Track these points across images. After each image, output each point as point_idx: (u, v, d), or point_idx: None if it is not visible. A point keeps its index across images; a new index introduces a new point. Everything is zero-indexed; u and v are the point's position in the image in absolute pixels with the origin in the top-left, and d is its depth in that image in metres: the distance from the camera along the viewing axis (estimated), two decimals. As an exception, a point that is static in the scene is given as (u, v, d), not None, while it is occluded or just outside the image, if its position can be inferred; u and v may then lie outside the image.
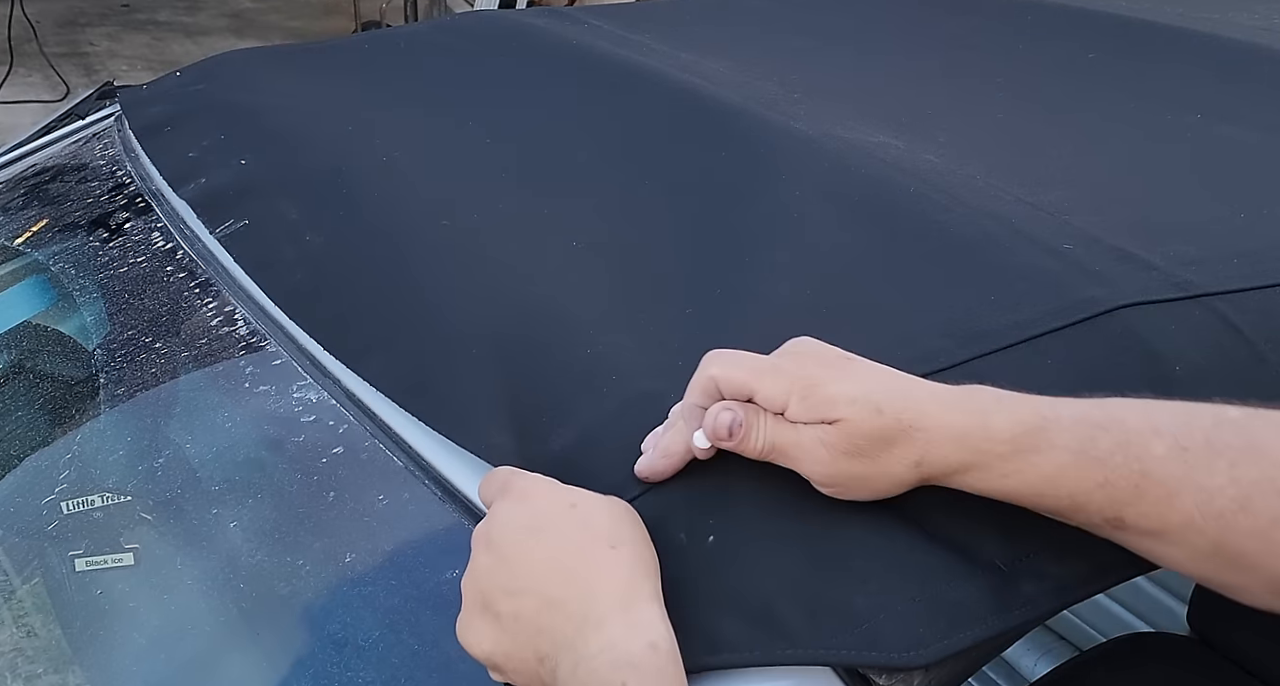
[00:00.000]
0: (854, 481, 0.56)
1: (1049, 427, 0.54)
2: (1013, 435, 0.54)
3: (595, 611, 0.53)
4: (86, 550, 0.81)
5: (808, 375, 0.56)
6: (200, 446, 0.88)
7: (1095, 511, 0.54)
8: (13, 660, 0.81)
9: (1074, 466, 0.53)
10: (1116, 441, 0.53)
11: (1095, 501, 0.53)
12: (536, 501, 0.58)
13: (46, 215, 1.16)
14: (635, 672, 0.51)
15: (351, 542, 0.74)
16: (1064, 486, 0.54)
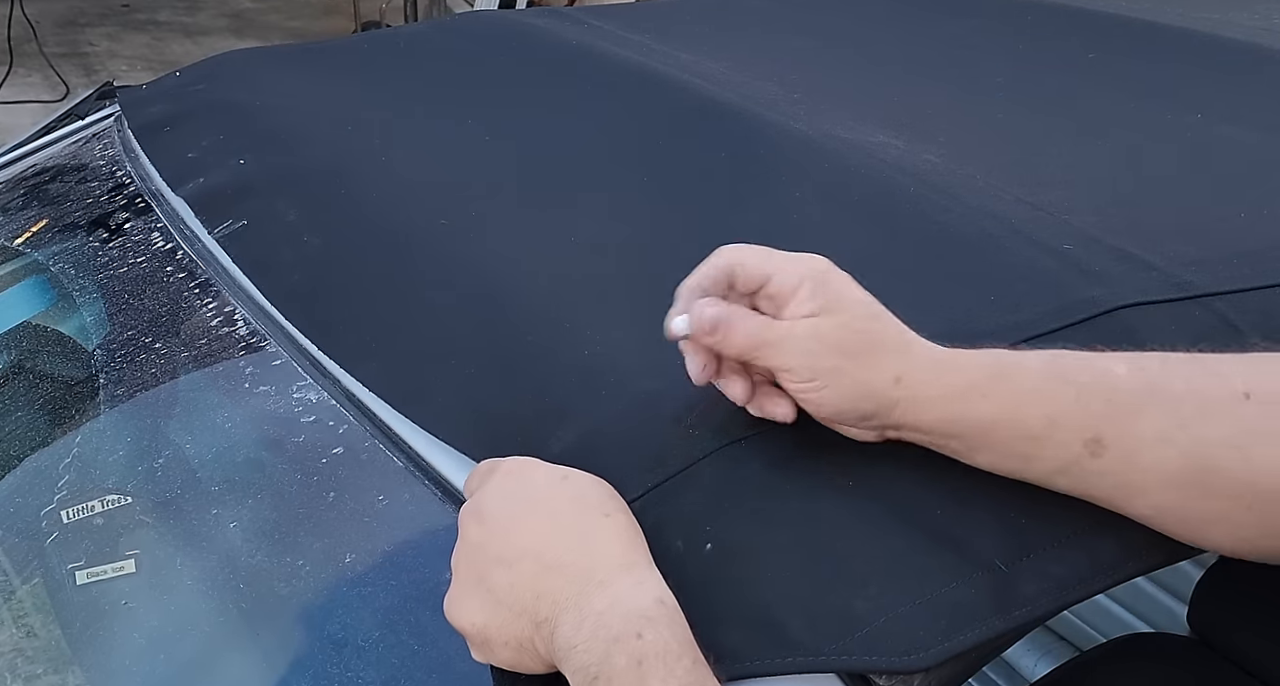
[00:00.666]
0: (833, 376, 0.56)
1: (1022, 359, 0.57)
2: (988, 362, 0.57)
3: (598, 572, 0.54)
4: (87, 555, 0.81)
5: (822, 269, 0.59)
6: (200, 447, 0.88)
7: (1074, 431, 0.55)
8: (12, 661, 0.81)
9: (1047, 385, 0.55)
10: (1082, 365, 0.56)
11: (1072, 418, 0.55)
12: (527, 475, 0.59)
13: (46, 215, 1.16)
14: (649, 623, 0.51)
15: (351, 543, 0.74)
16: (1040, 404, 0.55)
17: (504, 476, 0.60)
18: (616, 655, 0.50)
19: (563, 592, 0.54)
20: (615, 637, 0.51)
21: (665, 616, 0.52)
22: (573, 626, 0.52)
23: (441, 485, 0.69)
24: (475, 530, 0.58)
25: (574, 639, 0.52)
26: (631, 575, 0.54)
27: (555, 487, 0.58)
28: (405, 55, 1.21)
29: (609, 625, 0.51)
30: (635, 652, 0.50)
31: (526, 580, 0.55)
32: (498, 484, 0.59)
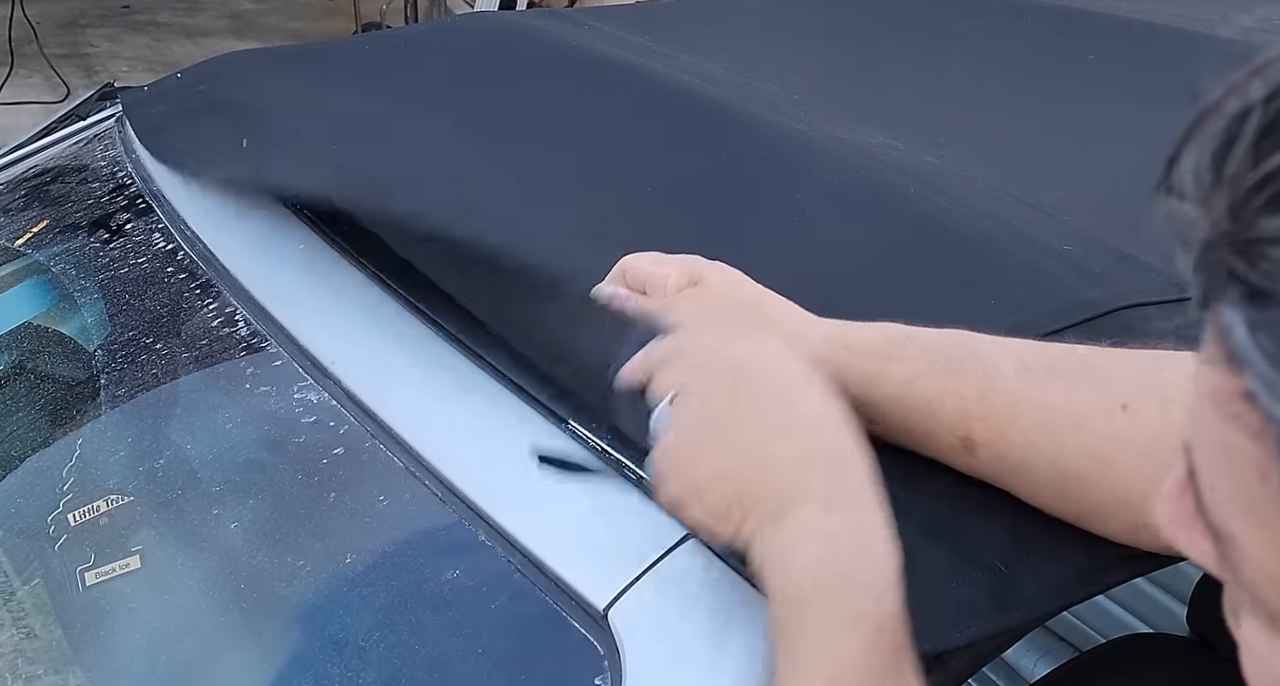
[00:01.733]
0: None
1: (910, 341, 0.58)
2: (873, 339, 0.58)
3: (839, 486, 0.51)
4: (90, 556, 0.81)
5: (693, 259, 0.65)
6: (201, 447, 0.88)
7: (948, 426, 0.56)
8: (13, 661, 0.81)
9: (929, 374, 0.56)
10: (968, 356, 0.57)
11: (947, 412, 0.56)
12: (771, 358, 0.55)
13: (47, 216, 1.16)
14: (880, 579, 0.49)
15: (352, 543, 0.74)
16: (919, 392, 0.56)
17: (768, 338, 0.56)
18: (833, 593, 0.49)
19: (807, 489, 0.51)
20: (841, 574, 0.49)
21: (894, 579, 0.50)
22: (802, 530, 0.50)
23: (443, 485, 0.69)
24: (714, 389, 0.55)
25: (797, 547, 0.50)
26: (878, 512, 0.51)
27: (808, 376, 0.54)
28: (406, 56, 1.22)
29: (842, 555, 0.49)
30: (856, 604, 0.49)
31: (784, 450, 0.52)
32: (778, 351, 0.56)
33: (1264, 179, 0.28)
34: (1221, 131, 0.29)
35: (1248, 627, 0.32)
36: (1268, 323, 0.27)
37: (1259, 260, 0.27)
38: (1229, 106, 0.29)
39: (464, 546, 0.67)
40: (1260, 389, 0.28)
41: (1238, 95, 0.29)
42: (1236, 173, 0.28)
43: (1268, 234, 0.27)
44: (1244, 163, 0.28)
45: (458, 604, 0.68)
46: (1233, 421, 0.29)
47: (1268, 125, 0.28)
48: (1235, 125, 0.29)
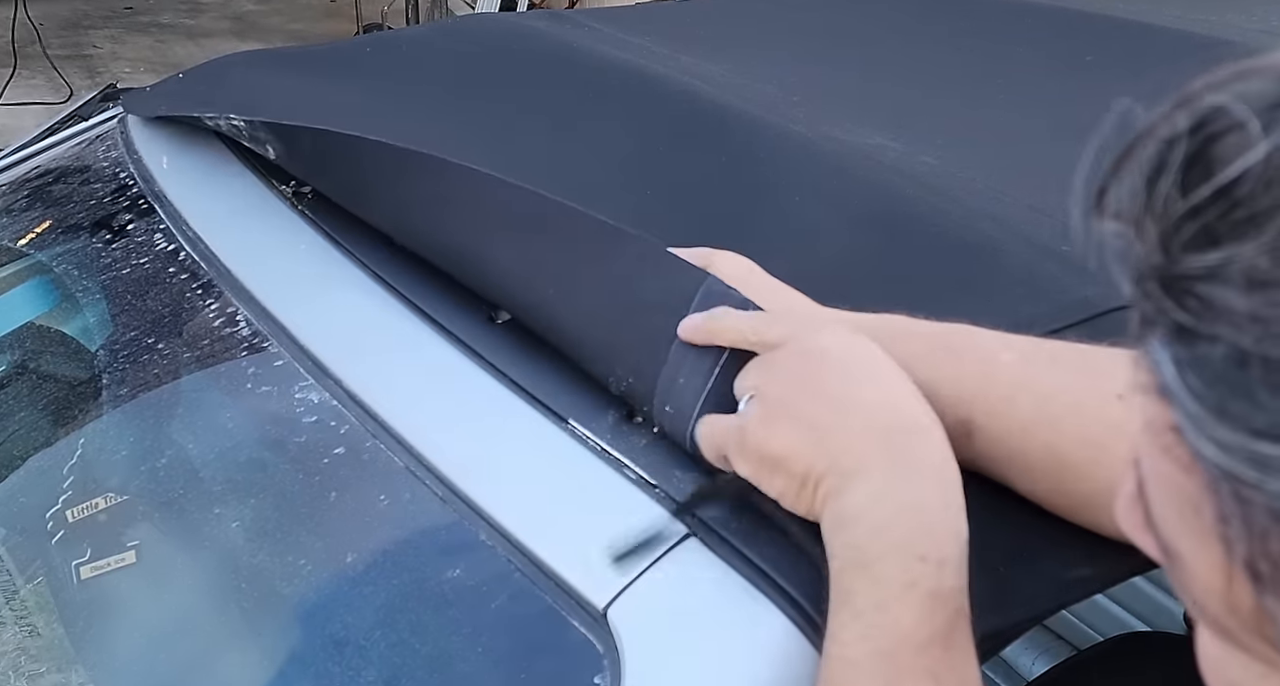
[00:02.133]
0: None
1: (912, 325, 0.59)
2: (875, 323, 0.59)
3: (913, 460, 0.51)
4: (90, 554, 0.82)
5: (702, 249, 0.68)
6: (203, 447, 0.88)
7: (947, 409, 0.56)
8: (15, 659, 0.81)
9: (929, 354, 0.57)
10: (968, 343, 0.58)
11: (946, 394, 0.56)
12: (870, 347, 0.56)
13: (50, 217, 1.16)
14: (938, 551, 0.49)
15: (353, 542, 0.74)
16: (919, 374, 0.56)
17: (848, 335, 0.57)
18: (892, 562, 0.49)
19: (872, 455, 0.52)
20: (901, 543, 0.49)
21: (956, 553, 0.50)
22: (868, 499, 0.51)
23: (444, 485, 0.69)
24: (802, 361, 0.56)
25: (862, 516, 0.50)
26: (944, 488, 0.51)
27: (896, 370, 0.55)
28: (407, 58, 1.22)
29: (902, 524, 0.50)
30: (911, 574, 0.49)
31: (841, 420, 0.53)
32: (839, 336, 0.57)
33: (1191, 211, 0.27)
34: (1152, 158, 0.29)
35: (1203, 635, 0.33)
36: (1194, 361, 0.27)
37: (1186, 297, 0.27)
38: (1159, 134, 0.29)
39: (464, 546, 0.67)
40: (1188, 425, 0.28)
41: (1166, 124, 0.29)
42: (1165, 202, 0.28)
43: (1195, 270, 0.27)
44: (1172, 193, 0.28)
45: (458, 603, 0.68)
46: (1166, 453, 0.30)
47: (1193, 155, 0.28)
48: (1164, 153, 0.28)
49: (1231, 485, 0.27)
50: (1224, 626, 0.31)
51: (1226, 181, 0.27)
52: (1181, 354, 0.28)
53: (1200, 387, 0.27)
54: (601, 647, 0.58)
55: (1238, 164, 0.27)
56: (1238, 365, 0.27)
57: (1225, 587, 0.29)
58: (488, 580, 0.66)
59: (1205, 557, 0.29)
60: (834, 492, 0.52)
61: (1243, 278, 0.26)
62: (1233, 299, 0.26)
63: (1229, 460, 0.27)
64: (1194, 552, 0.30)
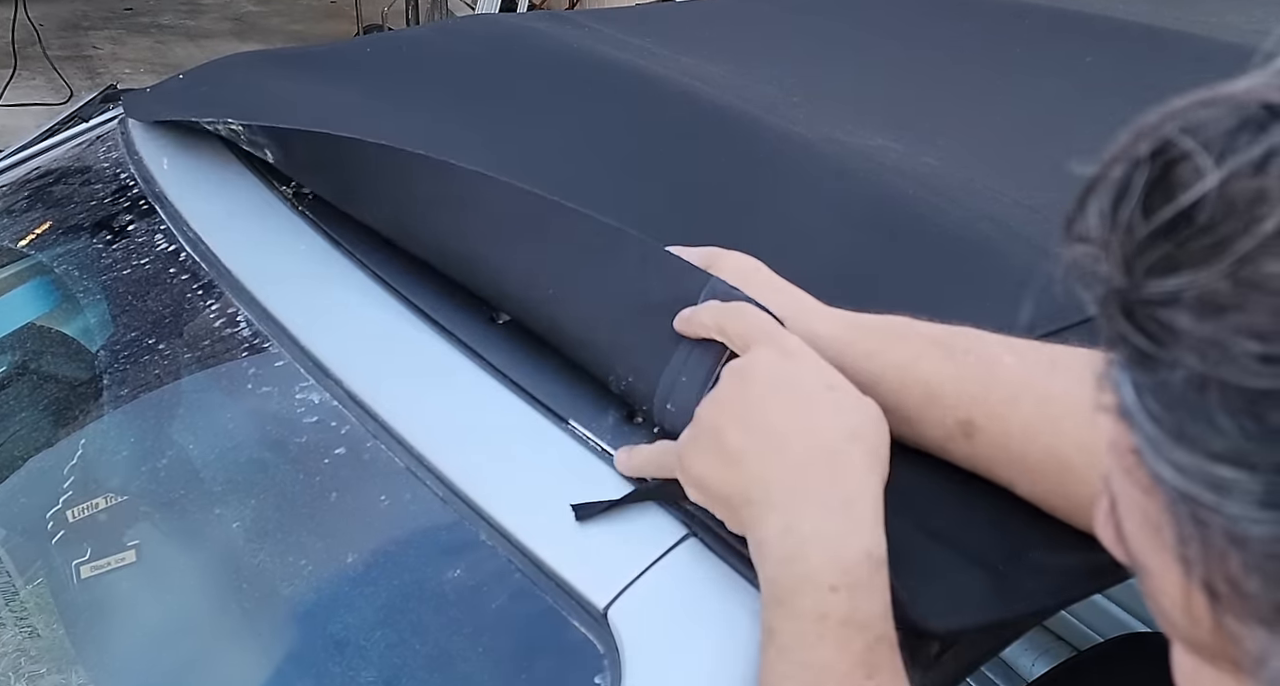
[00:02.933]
0: None
1: (913, 325, 0.60)
2: (879, 323, 0.60)
3: (820, 492, 0.52)
4: (91, 554, 0.82)
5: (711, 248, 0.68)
6: (203, 448, 0.88)
7: (948, 408, 0.56)
8: (16, 660, 0.81)
9: (931, 355, 0.58)
10: (971, 345, 0.58)
11: (947, 394, 0.57)
12: (800, 367, 0.57)
13: (50, 217, 1.16)
14: (847, 581, 0.50)
15: (353, 542, 0.74)
16: (920, 373, 0.57)
17: (780, 355, 0.57)
18: (804, 596, 0.50)
19: (778, 485, 0.53)
20: (808, 576, 0.50)
21: (867, 576, 0.50)
22: (777, 531, 0.52)
23: (444, 485, 0.69)
24: (733, 386, 0.57)
25: (772, 547, 0.52)
26: (850, 512, 0.52)
27: (819, 395, 0.56)
28: (407, 58, 1.22)
29: (808, 559, 0.50)
30: (822, 606, 0.49)
31: (755, 451, 0.54)
32: (771, 357, 0.57)
33: (1153, 234, 0.28)
34: (1117, 181, 0.29)
35: (1176, 646, 0.33)
36: (1154, 385, 0.28)
37: (1146, 322, 0.28)
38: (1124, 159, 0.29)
39: (464, 546, 0.67)
40: (1146, 448, 0.28)
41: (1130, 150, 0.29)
42: (1130, 226, 0.28)
43: (1155, 295, 0.27)
44: (1135, 216, 0.28)
45: (458, 603, 0.68)
46: (1128, 474, 0.30)
47: (1155, 180, 0.28)
48: (1129, 177, 0.29)
49: (1190, 507, 0.28)
50: (1191, 640, 0.31)
51: (1186, 206, 0.27)
52: (1141, 378, 0.28)
53: (1159, 411, 0.28)
54: (602, 647, 0.58)
55: (1196, 188, 0.27)
56: (1196, 389, 0.27)
57: (1188, 605, 0.29)
58: (488, 580, 0.66)
59: (1169, 575, 0.30)
60: (750, 524, 0.54)
61: (1201, 303, 0.27)
62: (1192, 324, 0.27)
63: (1187, 483, 0.27)
64: (1159, 569, 0.31)
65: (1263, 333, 0.26)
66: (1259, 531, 0.26)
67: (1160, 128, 0.29)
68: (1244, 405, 0.26)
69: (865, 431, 0.55)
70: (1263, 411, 0.26)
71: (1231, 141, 0.27)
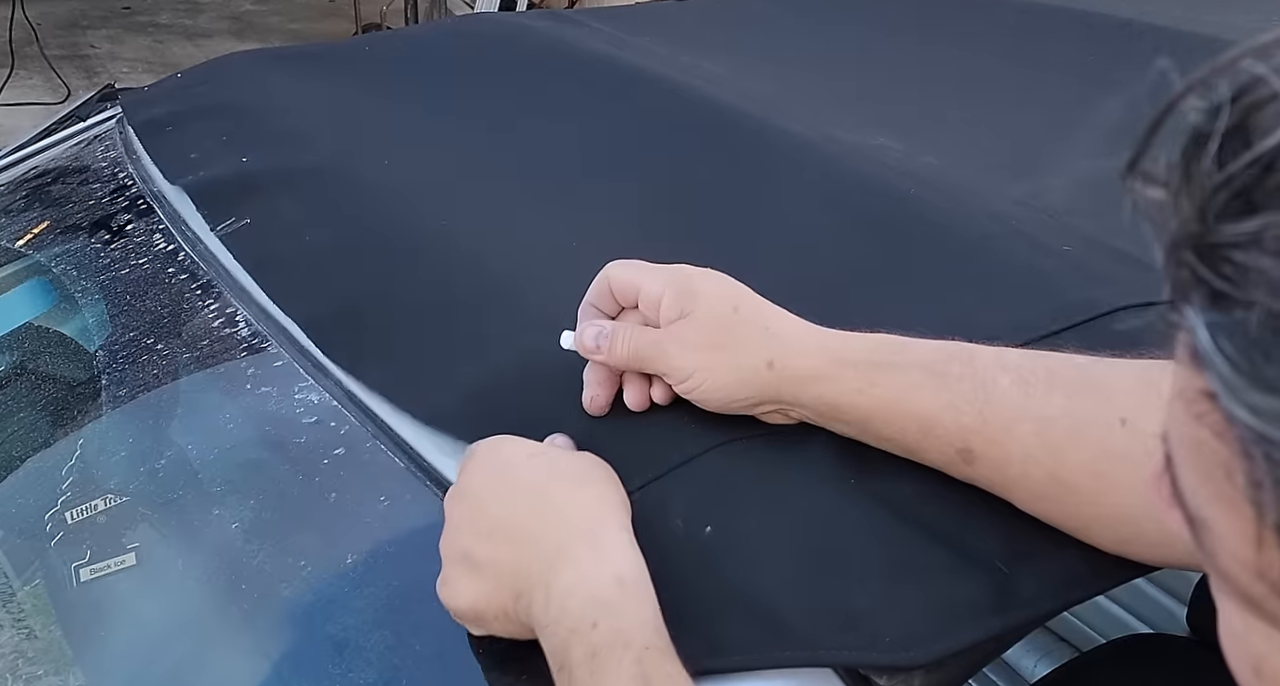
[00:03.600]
0: (705, 372, 0.59)
1: (905, 350, 0.58)
2: (870, 350, 0.58)
3: (563, 545, 0.54)
4: (90, 555, 0.81)
5: (685, 274, 0.62)
6: (202, 448, 0.88)
7: (945, 438, 0.56)
8: (14, 662, 0.81)
9: (925, 386, 0.56)
10: (966, 369, 0.57)
11: (944, 424, 0.56)
12: (500, 450, 0.60)
13: (48, 217, 1.16)
14: (604, 609, 0.51)
15: (353, 543, 0.74)
16: (915, 405, 0.56)
17: (478, 455, 0.61)
18: (574, 646, 0.51)
19: (533, 566, 0.54)
20: (573, 628, 0.52)
21: (621, 598, 0.52)
22: (541, 606, 0.53)
23: (443, 486, 0.69)
24: (456, 510, 0.59)
25: (544, 619, 0.53)
26: (595, 546, 0.54)
27: (527, 461, 0.59)
28: (406, 57, 1.22)
29: (569, 611, 0.52)
30: (590, 644, 0.51)
31: (504, 555, 0.56)
32: (473, 463, 0.60)
33: (1228, 180, 0.28)
34: (1191, 127, 0.29)
35: (1226, 608, 0.33)
36: (1230, 326, 0.27)
37: (1222, 263, 0.27)
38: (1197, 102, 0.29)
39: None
40: (1222, 390, 0.28)
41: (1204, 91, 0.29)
42: (1203, 173, 0.28)
43: (1231, 238, 0.27)
44: (1210, 163, 0.28)
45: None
46: (1199, 419, 0.30)
47: (1234, 127, 0.28)
48: (1205, 122, 0.28)
49: (1264, 449, 0.27)
50: (1250, 595, 0.31)
51: (1265, 151, 0.27)
52: (1216, 320, 0.28)
53: (1235, 353, 0.27)
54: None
55: (1277, 134, 0.27)
56: (1273, 331, 0.27)
57: (1254, 555, 0.29)
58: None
59: (1235, 525, 0.30)
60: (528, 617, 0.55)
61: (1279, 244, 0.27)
62: (1268, 265, 0.27)
63: (1262, 424, 0.27)
64: (1224, 520, 0.30)
65: None
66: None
67: (1240, 67, 0.28)
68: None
69: (589, 473, 0.58)
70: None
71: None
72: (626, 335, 0.62)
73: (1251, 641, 0.32)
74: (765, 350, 0.59)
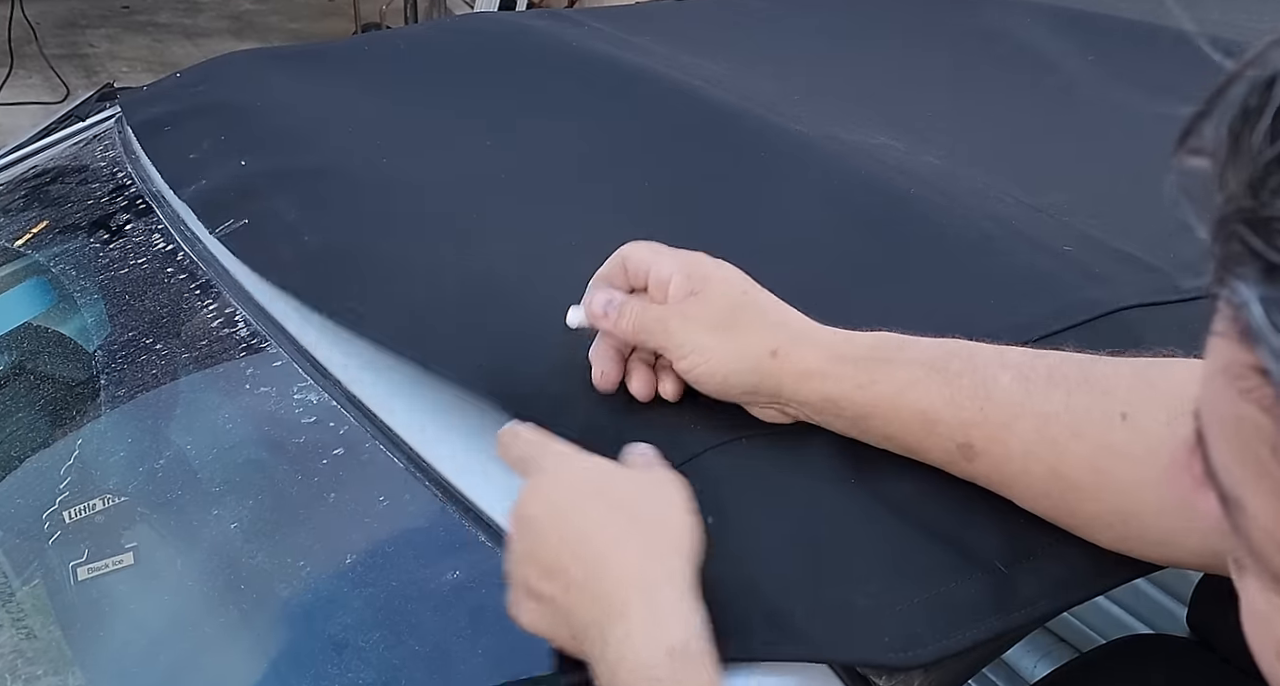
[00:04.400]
0: (706, 351, 0.59)
1: (906, 347, 0.58)
2: (870, 347, 0.59)
3: (615, 598, 0.53)
4: (88, 555, 0.81)
5: (698, 259, 0.62)
6: (201, 448, 0.88)
7: (946, 434, 0.56)
8: (13, 662, 0.81)
9: (925, 381, 0.57)
10: (966, 366, 0.57)
11: (944, 420, 0.56)
12: (563, 478, 0.58)
13: (47, 217, 1.16)
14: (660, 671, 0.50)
15: (352, 543, 0.74)
16: (916, 400, 0.56)
17: (547, 475, 0.58)
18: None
19: (589, 618, 0.53)
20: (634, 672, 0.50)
21: (671, 673, 0.51)
22: (597, 659, 0.52)
23: (442, 486, 0.69)
24: (518, 535, 0.57)
25: (600, 669, 0.52)
26: (649, 605, 0.52)
27: (592, 499, 0.57)
28: (405, 57, 1.22)
29: (620, 680, 0.51)
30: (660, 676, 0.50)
31: (560, 596, 0.54)
32: (539, 485, 0.58)
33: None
34: (1241, 101, 0.28)
35: (1251, 588, 0.33)
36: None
37: (1277, 237, 0.27)
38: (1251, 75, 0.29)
39: (464, 546, 0.67)
40: (1274, 365, 0.28)
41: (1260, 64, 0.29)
42: (1256, 147, 0.28)
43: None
44: (1264, 137, 0.28)
45: (457, 604, 0.68)
46: (1245, 395, 0.29)
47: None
48: (1256, 96, 0.28)
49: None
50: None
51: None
52: (1270, 294, 0.27)
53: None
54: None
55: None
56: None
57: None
58: (488, 581, 0.66)
59: (1273, 502, 0.29)
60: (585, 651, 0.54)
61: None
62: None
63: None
64: (1260, 499, 0.30)
65: None
66: None
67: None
68: None
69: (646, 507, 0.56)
70: None
71: None
72: (633, 308, 0.62)
73: (1276, 623, 0.32)
74: (770, 339, 0.59)
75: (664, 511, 0.56)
